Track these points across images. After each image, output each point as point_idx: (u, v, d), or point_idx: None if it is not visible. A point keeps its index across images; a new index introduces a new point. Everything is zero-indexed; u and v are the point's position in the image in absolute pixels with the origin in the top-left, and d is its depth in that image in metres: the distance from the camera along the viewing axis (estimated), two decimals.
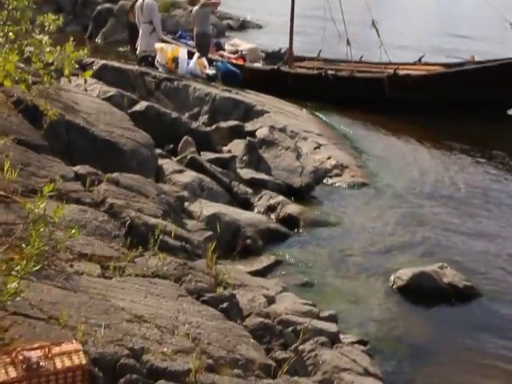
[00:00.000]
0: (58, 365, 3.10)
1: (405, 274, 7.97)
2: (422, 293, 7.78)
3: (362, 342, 6.52)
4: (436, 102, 14.42)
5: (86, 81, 8.42)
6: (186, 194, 8.43)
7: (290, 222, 9.22)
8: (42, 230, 3.86)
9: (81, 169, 6.91)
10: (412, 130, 14.28)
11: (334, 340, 6.15)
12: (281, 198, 9.74)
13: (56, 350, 3.19)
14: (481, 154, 13.27)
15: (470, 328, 7.33)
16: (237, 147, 11.05)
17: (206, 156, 10.22)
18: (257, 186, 10.01)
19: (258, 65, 16.81)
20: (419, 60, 16.41)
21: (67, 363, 3.13)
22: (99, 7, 23.84)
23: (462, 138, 13.74)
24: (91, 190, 6.57)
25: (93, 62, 13.24)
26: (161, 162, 9.26)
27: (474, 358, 6.77)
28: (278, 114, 13.49)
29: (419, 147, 13.48)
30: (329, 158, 11.68)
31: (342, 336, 6.36)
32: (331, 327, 6.33)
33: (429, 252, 8.96)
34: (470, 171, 12.42)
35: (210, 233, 7.40)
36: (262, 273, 7.42)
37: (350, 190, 10.89)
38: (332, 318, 6.69)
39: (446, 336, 7.17)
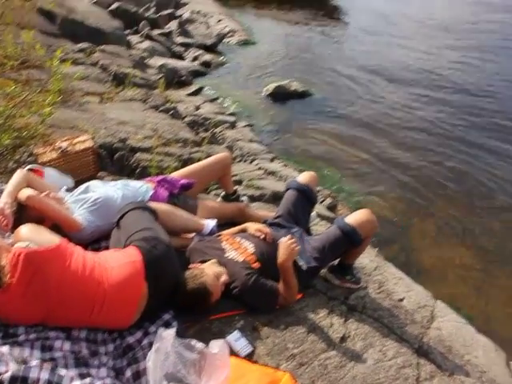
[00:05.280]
0: (78, 148, 3.16)
1: (271, 86, 8.01)
2: (279, 96, 7.89)
3: (249, 125, 6.70)
4: None
5: None
6: (145, 54, 8.01)
7: (206, 64, 8.93)
8: (59, 76, 3.69)
9: (83, 44, 6.60)
10: (274, 11, 13.51)
11: (233, 125, 6.32)
12: (200, 51, 9.36)
13: (76, 140, 3.23)
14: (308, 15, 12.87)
15: (306, 113, 7.55)
16: (173, 25, 10.32)
17: (156, 31, 9.52)
18: (186, 46, 9.53)
19: None
20: None
21: (83, 146, 3.19)
22: None
23: (302, 15, 13.20)
24: (90, 56, 6.29)
25: None
26: (129, 37, 8.69)
27: (308, 131, 6.95)
28: (194, 4, 12.51)
29: (280, 22, 12.75)
30: (226, 26, 11.07)
31: (237, 123, 6.52)
32: (231, 119, 6.49)
33: (284, 73, 8.90)
34: (302, 26, 12.10)
35: (161, 75, 7.13)
36: (191, 94, 7.30)
37: (239, 45, 10.47)
38: (232, 115, 6.82)
39: (293, 117, 7.38)
